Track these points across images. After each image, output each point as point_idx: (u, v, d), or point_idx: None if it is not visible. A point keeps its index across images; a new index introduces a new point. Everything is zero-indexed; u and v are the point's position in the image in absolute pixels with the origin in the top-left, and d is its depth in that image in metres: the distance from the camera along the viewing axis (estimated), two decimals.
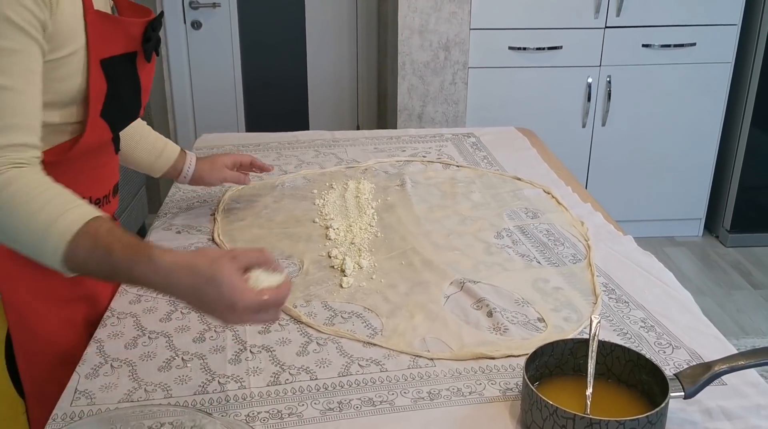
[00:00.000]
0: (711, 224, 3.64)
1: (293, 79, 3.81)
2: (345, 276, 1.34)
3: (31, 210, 0.94)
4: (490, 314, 1.22)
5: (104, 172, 1.24)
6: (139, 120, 1.41)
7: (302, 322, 1.20)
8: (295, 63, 3.78)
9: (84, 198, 1.00)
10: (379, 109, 3.87)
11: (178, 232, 1.53)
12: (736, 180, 3.44)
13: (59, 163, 1.10)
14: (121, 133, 1.29)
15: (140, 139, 1.46)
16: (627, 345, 1.09)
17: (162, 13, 1.24)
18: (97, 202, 1.23)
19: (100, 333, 1.17)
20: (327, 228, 1.53)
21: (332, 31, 3.73)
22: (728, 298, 3.10)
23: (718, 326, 1.22)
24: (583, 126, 3.33)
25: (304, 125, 3.84)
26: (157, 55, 1.23)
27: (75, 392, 1.03)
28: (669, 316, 1.23)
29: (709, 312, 2.95)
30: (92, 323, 1.24)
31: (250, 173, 1.66)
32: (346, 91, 3.86)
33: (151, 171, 1.52)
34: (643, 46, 3.21)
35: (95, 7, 1.09)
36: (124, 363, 1.10)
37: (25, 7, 0.97)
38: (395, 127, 3.25)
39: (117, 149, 1.28)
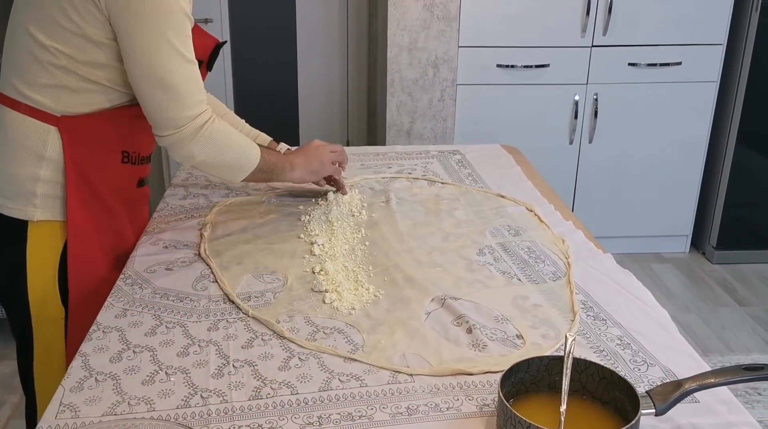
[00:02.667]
0: (698, 241, 3.68)
1: (284, 94, 3.84)
2: (327, 292, 1.36)
3: (239, 140, 1.50)
4: (469, 331, 1.24)
5: (152, 137, 1.52)
6: (236, 118, 1.84)
7: (285, 338, 1.22)
8: (286, 79, 3.81)
9: (138, 151, 1.54)
10: (368, 124, 3.90)
11: (165, 247, 1.55)
12: (722, 197, 3.49)
13: (139, 117, 1.44)
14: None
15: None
16: (603, 362, 1.11)
17: (225, 42, 1.66)
18: (146, 158, 1.60)
19: (86, 347, 1.19)
20: (311, 244, 1.55)
21: (323, 48, 3.76)
22: (714, 315, 3.13)
23: (703, 343, 1.25)
24: (571, 143, 3.37)
25: (294, 140, 3.87)
26: (209, 71, 1.60)
27: (60, 405, 1.04)
28: (645, 334, 1.25)
29: (694, 328, 2.99)
30: (118, 253, 1.55)
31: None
32: (336, 107, 3.89)
33: None
34: (630, 64, 3.26)
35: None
36: (109, 377, 1.11)
37: (189, 6, 1.37)
38: (384, 143, 3.28)
39: None
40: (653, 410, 0.97)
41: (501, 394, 0.97)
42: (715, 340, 2.93)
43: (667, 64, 3.26)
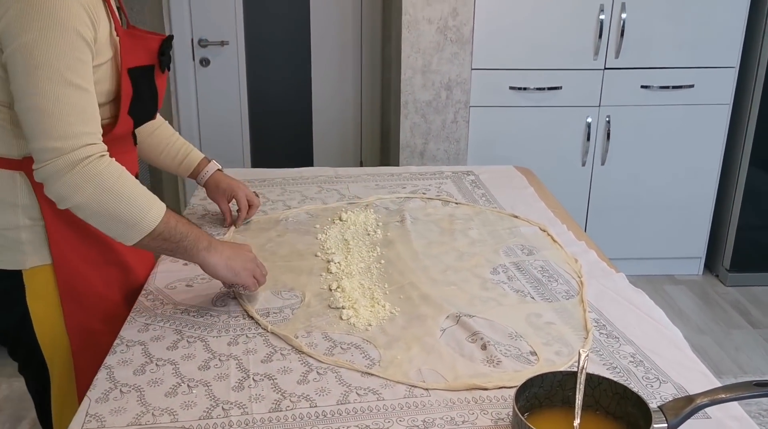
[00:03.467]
0: (711, 263, 3.68)
1: (298, 116, 3.89)
2: (344, 308, 1.38)
3: (136, 190, 1.26)
4: (484, 347, 1.27)
5: (127, 159, 1.42)
6: (170, 132, 1.74)
7: (303, 352, 1.25)
8: (301, 100, 3.86)
9: None
10: (382, 146, 3.94)
11: (185, 264, 1.58)
12: (735, 219, 3.49)
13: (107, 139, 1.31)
14: (148, 143, 1.68)
15: (164, 148, 1.73)
16: (616, 378, 1.13)
17: (172, 36, 1.48)
18: None
19: (110, 360, 1.22)
20: (328, 262, 1.58)
21: (337, 70, 3.82)
22: (727, 337, 3.13)
23: (716, 364, 1.26)
24: (583, 165, 3.39)
25: (308, 162, 3.92)
26: (168, 70, 1.48)
27: (86, 415, 1.08)
28: (658, 351, 1.27)
29: (708, 350, 2.99)
30: (127, 287, 1.49)
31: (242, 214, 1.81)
32: (350, 128, 3.94)
33: (177, 173, 1.79)
34: (642, 87, 3.28)
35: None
36: (133, 388, 1.15)
37: (87, 25, 1.22)
38: (398, 164, 3.32)
39: (135, 142, 1.54)
40: (665, 425, 0.99)
41: (516, 408, 0.99)
42: (729, 362, 2.93)
43: (680, 87, 3.29)
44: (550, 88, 3.26)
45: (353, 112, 3.91)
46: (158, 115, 1.67)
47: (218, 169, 1.79)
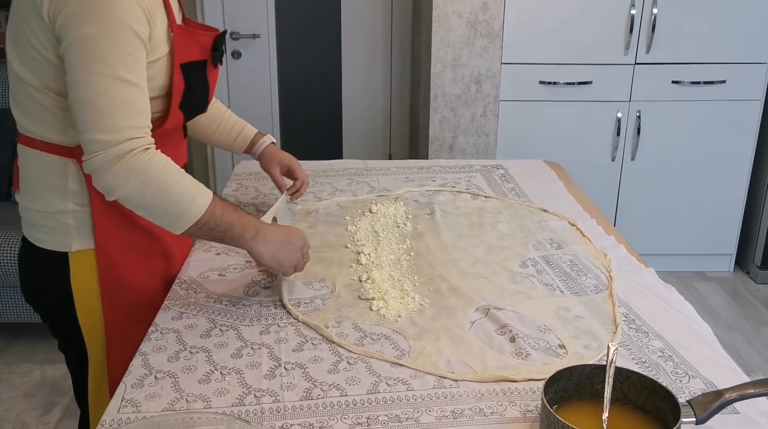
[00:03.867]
0: (742, 260, 3.65)
1: (328, 108, 3.91)
2: (374, 300, 1.40)
3: (181, 180, 1.28)
4: (513, 339, 1.28)
5: (177, 151, 1.47)
6: (222, 109, 1.78)
7: (333, 342, 1.27)
8: (331, 93, 3.89)
9: None
10: (411, 139, 3.95)
11: (218, 254, 1.61)
12: (767, 216, 3.45)
13: (158, 130, 1.36)
14: (203, 121, 1.71)
15: (218, 125, 1.77)
16: (644, 373, 1.13)
17: (225, 31, 1.49)
18: None
19: (145, 346, 1.25)
20: (358, 253, 1.60)
21: (367, 64, 3.83)
22: (757, 335, 3.10)
23: (746, 362, 1.26)
24: (613, 160, 3.37)
25: (338, 154, 3.94)
26: (221, 64, 1.51)
27: (122, 400, 1.10)
28: (687, 346, 1.27)
29: (738, 348, 2.97)
30: (167, 277, 1.52)
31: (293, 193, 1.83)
32: (379, 121, 3.95)
33: (231, 149, 1.82)
34: (673, 82, 3.26)
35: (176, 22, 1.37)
36: (167, 375, 1.17)
37: (142, 23, 1.25)
38: (426, 158, 3.33)
39: (185, 134, 1.57)
40: (693, 419, 0.99)
41: (545, 400, 1.00)
42: (759, 360, 2.90)
43: (711, 83, 3.25)
44: (580, 83, 3.24)
45: (382, 105, 3.92)
46: (216, 99, 1.75)
47: (272, 142, 1.82)
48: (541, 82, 3.24)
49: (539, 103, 3.28)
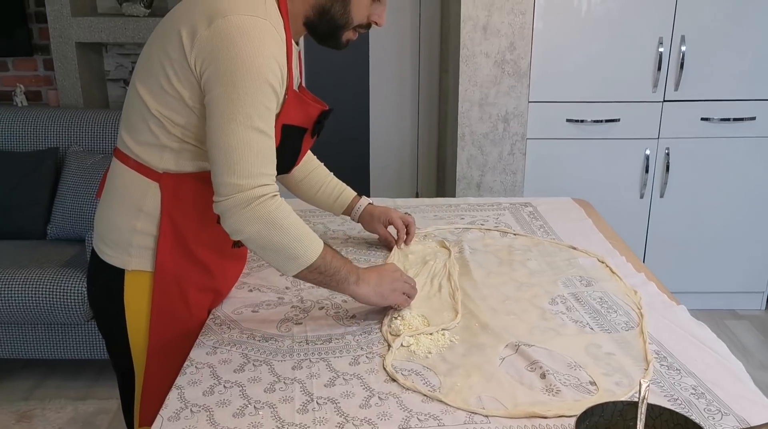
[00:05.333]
0: None
1: (356, 146, 3.96)
2: (405, 336, 1.41)
3: (300, 228, 1.39)
4: (543, 376, 1.28)
5: None
6: (325, 172, 1.88)
7: (401, 383, 1.26)
8: (358, 131, 3.94)
9: None
10: (437, 176, 3.98)
11: (250, 291, 1.64)
12: None
13: None
14: (306, 183, 1.85)
15: (320, 187, 1.87)
16: (676, 410, 1.13)
17: (332, 109, 1.58)
18: None
19: (181, 380, 1.28)
20: None
21: (395, 102, 3.89)
22: None
23: None
24: (641, 197, 3.37)
25: (365, 192, 3.96)
26: (317, 136, 1.59)
27: None
28: (719, 384, 1.26)
29: None
30: (211, 310, 1.58)
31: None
32: (406, 158, 3.99)
33: (331, 210, 1.91)
34: (702, 119, 3.26)
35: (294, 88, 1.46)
36: (203, 408, 1.19)
37: (278, 80, 1.35)
38: (454, 196, 3.35)
39: None
40: None
41: None
42: None
43: (741, 119, 3.25)
44: (607, 121, 3.26)
45: (410, 143, 3.96)
46: (315, 158, 1.88)
47: (369, 203, 1.90)
48: (568, 120, 3.26)
49: (567, 141, 3.29)
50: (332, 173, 1.90)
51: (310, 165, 1.86)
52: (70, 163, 3.14)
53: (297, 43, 1.51)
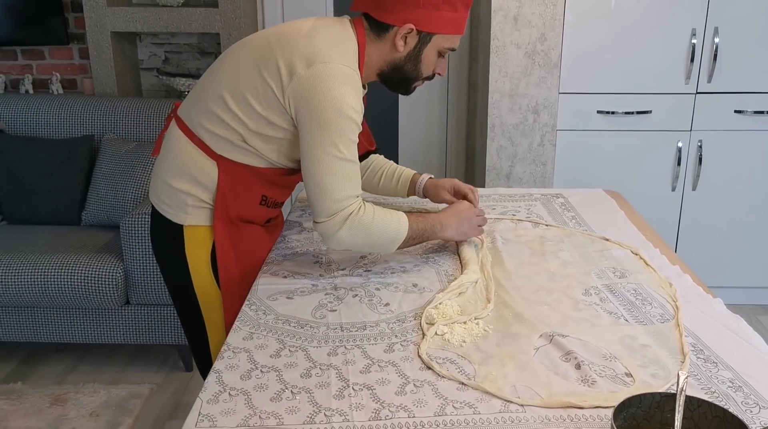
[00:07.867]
0: None
1: (384, 137, 3.96)
2: (439, 325, 1.42)
3: (385, 217, 1.62)
4: (578, 366, 1.28)
5: (285, 192, 1.84)
6: (383, 161, 2.03)
7: (443, 376, 1.27)
8: (387, 122, 3.94)
9: (275, 198, 1.79)
10: (467, 167, 3.98)
11: (285, 277, 1.65)
12: None
13: (283, 176, 1.73)
14: (366, 177, 2.01)
15: (381, 176, 2.01)
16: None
17: (378, 150, 1.93)
18: (280, 204, 1.84)
19: (219, 364, 1.29)
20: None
21: (424, 93, 3.88)
22: None
23: None
24: (673, 190, 3.34)
25: None
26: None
27: (199, 415, 1.14)
28: (757, 377, 1.26)
29: None
30: (268, 248, 1.82)
31: None
32: (435, 149, 3.98)
33: (395, 194, 2.04)
34: (736, 111, 3.22)
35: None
36: (240, 392, 1.21)
37: (359, 115, 1.56)
38: (483, 186, 3.34)
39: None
40: None
41: (614, 426, 1.00)
42: None
43: None
44: (639, 112, 3.23)
45: (439, 134, 3.96)
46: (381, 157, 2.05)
47: (430, 177, 1.98)
48: (599, 112, 3.24)
49: (597, 133, 3.27)
50: (390, 161, 2.03)
51: (367, 163, 2.02)
52: (104, 150, 3.18)
53: (365, 87, 1.71)
